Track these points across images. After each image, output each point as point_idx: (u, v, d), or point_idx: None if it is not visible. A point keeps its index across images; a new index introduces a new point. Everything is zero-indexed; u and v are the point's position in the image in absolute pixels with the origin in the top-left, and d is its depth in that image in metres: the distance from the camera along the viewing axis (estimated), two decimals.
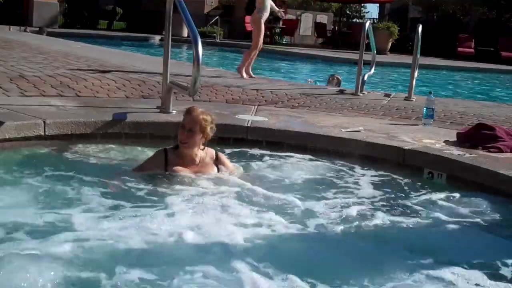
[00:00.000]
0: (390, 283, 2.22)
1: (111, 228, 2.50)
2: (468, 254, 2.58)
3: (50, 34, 15.35)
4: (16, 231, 2.42)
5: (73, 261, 2.17)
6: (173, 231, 2.51)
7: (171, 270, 2.17)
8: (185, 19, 4.22)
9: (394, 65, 14.94)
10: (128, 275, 2.11)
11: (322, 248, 2.50)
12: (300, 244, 2.53)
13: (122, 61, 8.53)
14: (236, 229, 2.61)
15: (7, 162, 3.45)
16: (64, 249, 2.27)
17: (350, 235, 2.71)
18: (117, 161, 3.69)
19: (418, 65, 7.25)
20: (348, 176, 3.73)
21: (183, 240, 2.45)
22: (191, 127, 3.29)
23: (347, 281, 2.21)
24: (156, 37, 17.82)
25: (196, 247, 2.39)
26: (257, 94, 6.37)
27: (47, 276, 2.04)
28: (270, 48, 19.04)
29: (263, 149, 4.20)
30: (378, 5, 31.86)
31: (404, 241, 2.68)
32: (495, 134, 4.30)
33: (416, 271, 2.33)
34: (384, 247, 2.59)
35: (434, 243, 2.68)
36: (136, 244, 2.36)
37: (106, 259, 2.22)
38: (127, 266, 2.17)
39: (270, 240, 2.55)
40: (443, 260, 2.47)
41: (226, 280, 2.14)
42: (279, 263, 2.30)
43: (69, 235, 2.41)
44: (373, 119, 5.32)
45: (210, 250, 2.38)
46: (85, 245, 2.32)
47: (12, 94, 4.98)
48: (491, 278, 2.34)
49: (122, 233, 2.46)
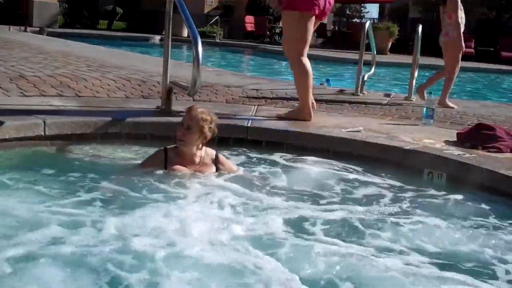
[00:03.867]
0: (390, 284, 2.21)
1: (111, 228, 2.50)
2: (468, 254, 2.58)
3: (50, 34, 15.37)
4: (16, 231, 2.41)
5: (73, 261, 2.17)
6: (172, 231, 2.50)
7: (170, 270, 2.17)
8: (185, 19, 4.22)
9: (394, 65, 14.94)
10: (128, 275, 2.11)
11: (321, 248, 2.50)
12: (300, 244, 2.53)
13: (122, 61, 8.54)
14: (234, 229, 2.61)
15: (7, 162, 3.45)
16: (63, 249, 2.26)
17: (349, 235, 2.71)
18: (117, 161, 3.69)
19: (418, 65, 7.25)
20: (348, 176, 3.72)
21: (182, 239, 2.44)
22: (189, 125, 3.31)
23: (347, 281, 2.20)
24: (156, 37, 17.83)
25: (194, 246, 2.39)
26: (257, 94, 6.38)
27: (47, 276, 2.04)
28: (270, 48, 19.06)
29: (263, 149, 4.20)
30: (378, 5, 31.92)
31: (404, 241, 2.67)
32: (495, 134, 4.30)
33: (416, 271, 2.33)
34: (384, 247, 2.59)
35: (434, 243, 2.68)
36: (136, 243, 2.36)
37: (106, 259, 2.21)
38: (127, 266, 2.17)
39: (269, 240, 2.55)
40: (443, 260, 2.47)
41: (225, 280, 2.14)
42: (279, 263, 2.30)
43: (69, 235, 2.40)
44: (373, 119, 5.32)
45: (208, 250, 2.38)
46: (85, 245, 2.31)
47: (12, 94, 4.98)
48: (491, 278, 2.34)
49: (121, 232, 2.46)
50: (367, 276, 2.26)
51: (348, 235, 2.71)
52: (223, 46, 19.64)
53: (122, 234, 2.45)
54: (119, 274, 2.11)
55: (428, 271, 2.34)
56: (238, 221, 2.72)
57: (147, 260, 2.23)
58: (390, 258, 2.45)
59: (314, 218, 2.88)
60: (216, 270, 2.20)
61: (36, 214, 2.60)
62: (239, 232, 2.58)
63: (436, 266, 2.40)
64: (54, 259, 2.17)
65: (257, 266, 2.25)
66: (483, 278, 2.34)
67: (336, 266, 2.32)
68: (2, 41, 10.61)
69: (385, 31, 18.91)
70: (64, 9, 22.12)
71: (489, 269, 2.44)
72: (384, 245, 2.62)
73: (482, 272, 2.39)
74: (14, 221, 2.50)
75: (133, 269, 2.16)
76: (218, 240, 2.48)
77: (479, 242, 2.72)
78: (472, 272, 2.38)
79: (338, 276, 2.23)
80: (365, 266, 2.33)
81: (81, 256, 2.22)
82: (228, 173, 3.43)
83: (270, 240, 2.55)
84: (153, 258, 2.25)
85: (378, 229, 2.80)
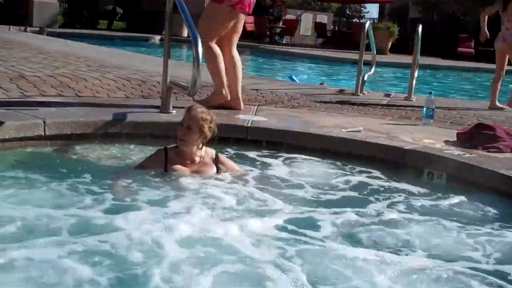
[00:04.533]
0: (389, 284, 2.21)
1: (111, 228, 2.50)
2: (469, 255, 2.58)
3: (50, 34, 15.35)
4: (16, 231, 2.41)
5: (73, 261, 2.17)
6: (172, 231, 2.50)
7: (169, 269, 2.17)
8: (185, 19, 4.22)
9: (394, 65, 14.94)
10: (127, 274, 2.11)
11: (320, 248, 2.50)
12: (300, 244, 2.53)
13: (122, 61, 8.53)
14: (234, 229, 2.61)
15: (7, 162, 3.45)
16: (63, 248, 2.27)
17: (349, 236, 2.71)
18: (117, 161, 3.69)
19: (418, 65, 7.26)
20: (348, 176, 3.73)
21: (182, 239, 2.45)
22: (189, 124, 3.31)
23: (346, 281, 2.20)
24: (156, 37, 17.81)
25: (194, 246, 2.39)
26: (257, 94, 6.38)
27: (47, 276, 2.05)
28: (270, 48, 19.06)
29: (263, 149, 4.21)
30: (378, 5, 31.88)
31: (404, 242, 2.67)
32: (495, 134, 4.30)
33: (415, 272, 2.33)
34: (384, 247, 2.59)
35: (434, 243, 2.68)
36: (136, 243, 2.36)
37: (106, 258, 2.22)
38: (127, 266, 2.17)
39: (268, 241, 2.55)
40: (442, 261, 2.47)
41: (224, 280, 2.14)
42: (279, 264, 2.30)
43: (69, 235, 2.41)
44: (373, 119, 5.32)
45: (208, 250, 2.38)
46: (85, 245, 2.31)
47: (12, 94, 4.98)
48: (491, 278, 2.34)
49: (121, 232, 2.46)
50: (367, 276, 2.26)
51: (347, 235, 2.70)
52: None
53: (122, 234, 2.45)
54: (119, 274, 2.11)
55: (427, 270, 2.34)
56: (238, 221, 2.71)
57: (147, 260, 2.23)
58: (390, 258, 2.45)
59: (314, 218, 2.88)
60: (216, 271, 2.20)
61: (36, 214, 2.59)
62: (239, 232, 2.58)
63: (436, 265, 2.40)
64: (54, 259, 2.17)
65: (257, 267, 2.26)
66: (483, 278, 2.34)
67: (336, 266, 2.32)
68: (2, 41, 10.61)
69: (385, 31, 18.91)
70: (64, 9, 22.10)
71: (489, 269, 2.44)
72: (384, 245, 2.62)
73: (483, 272, 2.39)
74: (14, 221, 2.50)
75: (133, 269, 2.16)
76: (218, 241, 2.48)
77: (479, 242, 2.72)
78: (472, 272, 2.38)
79: (339, 276, 2.24)
80: (364, 266, 2.34)
81: (81, 256, 2.22)
82: (229, 173, 3.43)
83: (271, 240, 2.55)
84: (153, 258, 2.25)
85: (378, 229, 2.80)
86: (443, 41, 21.60)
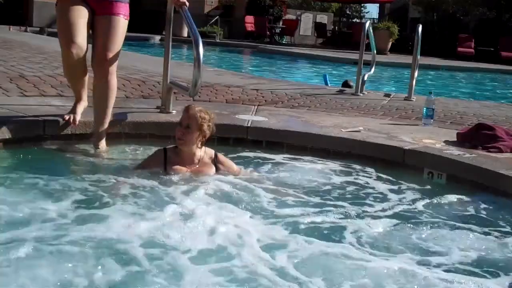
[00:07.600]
0: (386, 283, 2.21)
1: (111, 228, 2.50)
2: (469, 255, 2.58)
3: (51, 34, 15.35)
4: (16, 231, 2.41)
5: (73, 261, 2.17)
6: (172, 231, 2.50)
7: (169, 269, 2.17)
8: (186, 20, 4.21)
9: (394, 65, 14.94)
10: (127, 275, 2.11)
11: (320, 248, 2.50)
12: (300, 245, 2.53)
13: (122, 61, 8.50)
14: (233, 228, 2.61)
15: (6, 162, 3.45)
16: (64, 248, 2.27)
17: (349, 236, 2.70)
18: (117, 161, 3.69)
19: (418, 65, 7.25)
20: (348, 176, 3.73)
21: (181, 239, 2.44)
22: (188, 123, 3.31)
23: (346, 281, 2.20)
24: (156, 37, 17.83)
25: (194, 246, 2.39)
26: (257, 94, 6.38)
27: (47, 275, 2.04)
28: (270, 48, 19.06)
29: (263, 149, 4.21)
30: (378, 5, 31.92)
31: (404, 242, 2.67)
32: (495, 134, 4.30)
33: (415, 272, 2.32)
34: (384, 248, 2.59)
35: (434, 244, 2.68)
36: (136, 243, 2.36)
37: (106, 258, 2.21)
38: (126, 265, 2.17)
39: (270, 240, 2.55)
40: (442, 261, 2.47)
41: (224, 280, 2.14)
42: (279, 264, 2.30)
43: (69, 235, 2.40)
44: (373, 119, 5.32)
45: (208, 250, 2.38)
46: (85, 245, 2.31)
47: (12, 94, 4.98)
48: (491, 278, 2.34)
49: (121, 232, 2.46)
50: (366, 276, 2.26)
51: (347, 235, 2.70)
52: (223, 46, 19.63)
53: (122, 234, 2.45)
54: (119, 274, 2.11)
55: (427, 270, 2.34)
56: (238, 221, 2.71)
57: (147, 260, 2.23)
58: (390, 258, 2.45)
59: (315, 218, 2.88)
60: (215, 271, 2.20)
61: (36, 214, 2.60)
62: (239, 232, 2.58)
63: (435, 265, 2.41)
64: (54, 259, 2.17)
65: (258, 267, 2.25)
66: (483, 277, 2.34)
67: (336, 266, 2.32)
68: (2, 41, 10.61)
69: (385, 31, 18.92)
70: None
71: (488, 269, 2.43)
72: (384, 245, 2.62)
73: (483, 272, 2.39)
74: (14, 221, 2.50)
75: (132, 269, 2.16)
76: (218, 241, 2.48)
77: (479, 242, 2.72)
78: (471, 272, 2.38)
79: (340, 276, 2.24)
80: (363, 266, 2.33)
81: (81, 256, 2.22)
82: (228, 173, 3.43)
83: (271, 240, 2.55)
84: (152, 258, 2.25)
85: (377, 229, 2.80)
86: (443, 41, 21.63)
